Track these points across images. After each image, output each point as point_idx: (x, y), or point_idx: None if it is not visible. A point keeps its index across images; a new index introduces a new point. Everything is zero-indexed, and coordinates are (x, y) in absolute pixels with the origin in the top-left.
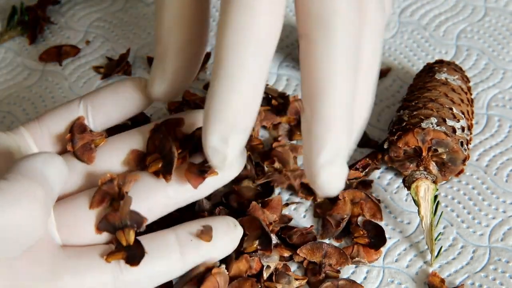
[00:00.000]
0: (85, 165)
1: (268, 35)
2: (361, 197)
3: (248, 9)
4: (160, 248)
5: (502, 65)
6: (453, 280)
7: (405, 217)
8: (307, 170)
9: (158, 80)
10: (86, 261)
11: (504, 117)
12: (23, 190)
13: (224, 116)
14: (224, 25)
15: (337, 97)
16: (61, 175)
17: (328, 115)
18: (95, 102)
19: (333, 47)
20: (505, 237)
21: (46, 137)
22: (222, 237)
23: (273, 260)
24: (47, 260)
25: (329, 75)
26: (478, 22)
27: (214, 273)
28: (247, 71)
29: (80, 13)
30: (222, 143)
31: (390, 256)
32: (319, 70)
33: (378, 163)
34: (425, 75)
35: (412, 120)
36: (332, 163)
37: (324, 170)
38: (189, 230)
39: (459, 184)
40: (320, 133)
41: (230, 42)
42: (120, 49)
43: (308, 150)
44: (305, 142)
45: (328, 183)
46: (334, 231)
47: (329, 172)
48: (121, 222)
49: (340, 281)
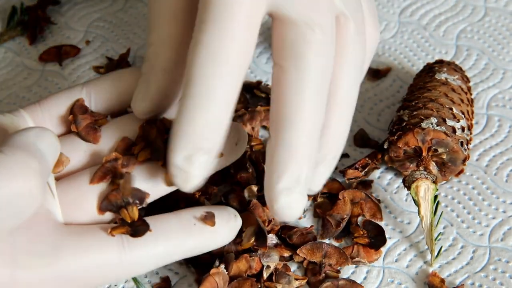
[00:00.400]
0: (89, 145)
1: (239, 58)
2: (361, 197)
3: (222, 32)
4: (163, 229)
5: (502, 65)
6: (453, 280)
7: (405, 217)
8: (266, 194)
9: (141, 98)
10: (89, 237)
11: (504, 117)
12: (19, 161)
13: (190, 136)
14: (197, 44)
15: (302, 126)
16: (54, 148)
17: (291, 142)
18: (97, 88)
19: (304, 78)
20: (505, 237)
21: (46, 119)
22: (224, 225)
23: (273, 260)
24: (48, 237)
25: (297, 104)
26: (478, 22)
27: (213, 274)
28: (216, 93)
29: (80, 13)
30: (186, 163)
31: (390, 256)
32: (287, 98)
33: (378, 163)
34: (425, 75)
35: (412, 120)
36: (291, 190)
37: (282, 196)
38: (193, 214)
39: (459, 184)
40: (282, 159)
41: (201, 62)
42: (120, 49)
43: (269, 175)
44: (267, 166)
45: (285, 209)
46: (334, 231)
47: (287, 199)
48: (123, 200)
49: (340, 281)
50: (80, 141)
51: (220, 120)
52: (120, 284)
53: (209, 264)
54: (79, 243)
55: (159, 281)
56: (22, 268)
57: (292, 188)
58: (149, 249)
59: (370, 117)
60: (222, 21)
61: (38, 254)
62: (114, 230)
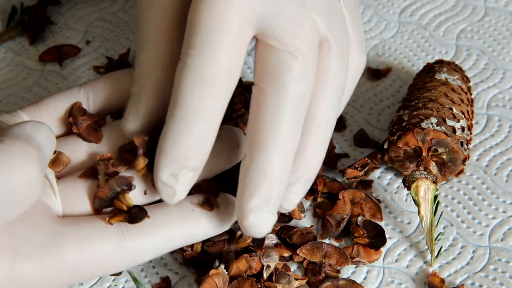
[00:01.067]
0: (90, 146)
1: (227, 80)
2: (361, 197)
3: (209, 56)
4: (162, 216)
5: (502, 65)
6: (453, 280)
7: (405, 217)
8: (236, 210)
9: (131, 119)
10: (88, 227)
11: (504, 117)
12: (18, 150)
13: (175, 154)
14: (184, 68)
15: (276, 149)
16: (50, 141)
17: (264, 164)
18: (95, 89)
19: (282, 103)
20: (505, 237)
21: (45, 120)
22: (223, 210)
23: (273, 260)
24: (47, 227)
25: (272, 127)
26: (478, 22)
27: (212, 274)
28: (201, 113)
29: (80, 13)
30: (172, 179)
31: (390, 256)
32: (264, 120)
33: (378, 162)
34: (425, 75)
35: (412, 120)
36: (260, 209)
37: (251, 214)
38: (191, 201)
39: (459, 184)
40: (254, 180)
41: (188, 85)
42: (120, 49)
43: (240, 192)
44: (240, 183)
45: (254, 226)
46: (334, 231)
47: (256, 217)
48: (112, 191)
49: (340, 281)
50: (81, 141)
51: (205, 140)
52: (120, 284)
53: (209, 264)
54: (78, 232)
55: (159, 281)
56: (22, 258)
57: (262, 207)
58: (149, 237)
59: (370, 117)
60: (209, 46)
61: (38, 244)
62: (112, 219)
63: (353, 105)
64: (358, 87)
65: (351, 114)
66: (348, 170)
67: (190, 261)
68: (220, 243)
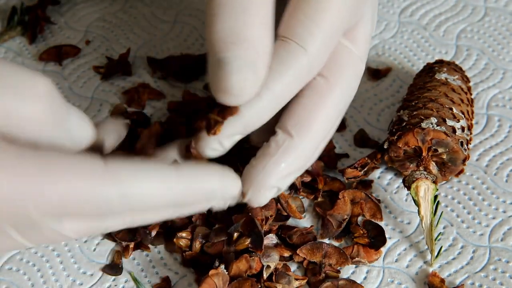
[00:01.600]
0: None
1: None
2: (361, 197)
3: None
4: (147, 166)
5: (502, 65)
6: (453, 280)
7: (405, 217)
8: (258, 177)
9: (251, 84)
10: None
11: (504, 117)
12: (27, 79)
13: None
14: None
15: (321, 133)
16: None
17: (306, 144)
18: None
19: (341, 95)
20: (505, 237)
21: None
22: (216, 168)
23: (273, 260)
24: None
25: (328, 115)
26: (478, 22)
27: (211, 275)
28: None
29: (80, 13)
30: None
31: (390, 256)
32: (320, 108)
33: (377, 162)
34: (425, 75)
35: (412, 120)
36: (282, 183)
37: (270, 191)
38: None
39: (459, 184)
40: (294, 156)
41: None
42: (120, 49)
43: (272, 162)
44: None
45: (267, 197)
46: (334, 231)
47: (275, 191)
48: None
49: (340, 281)
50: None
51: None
52: (120, 284)
53: (209, 265)
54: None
55: (159, 281)
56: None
57: (283, 182)
58: (141, 184)
59: (370, 117)
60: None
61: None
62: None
63: (353, 105)
64: (358, 87)
65: (351, 114)
66: (347, 170)
67: (190, 262)
68: (219, 244)
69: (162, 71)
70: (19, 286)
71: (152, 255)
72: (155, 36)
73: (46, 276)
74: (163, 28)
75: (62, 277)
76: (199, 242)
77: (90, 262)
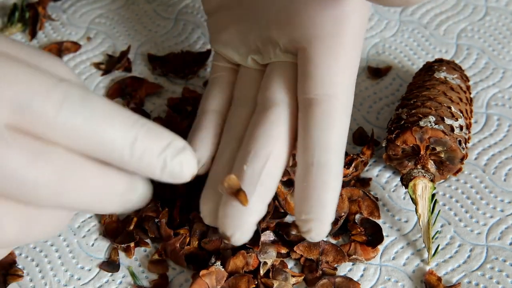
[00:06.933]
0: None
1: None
2: (359, 195)
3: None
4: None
5: (502, 64)
6: (450, 278)
7: (402, 215)
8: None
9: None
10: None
11: (503, 116)
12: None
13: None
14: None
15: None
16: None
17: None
18: None
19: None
20: (503, 236)
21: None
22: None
23: (270, 256)
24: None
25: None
26: (478, 21)
27: (203, 275)
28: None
29: (81, 9)
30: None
31: (387, 254)
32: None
33: (365, 157)
34: (424, 73)
35: (411, 118)
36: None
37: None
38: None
39: (457, 183)
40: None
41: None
42: (121, 45)
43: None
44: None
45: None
46: (332, 229)
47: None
48: None
49: (337, 279)
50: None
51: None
52: (118, 279)
53: (206, 261)
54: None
55: (157, 277)
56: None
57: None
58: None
59: (369, 115)
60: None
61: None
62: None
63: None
64: (358, 85)
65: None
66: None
67: (187, 257)
68: (216, 240)
69: (162, 68)
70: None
71: (150, 251)
72: (156, 33)
73: (44, 271)
74: (164, 25)
75: (60, 272)
76: (197, 239)
77: (88, 257)
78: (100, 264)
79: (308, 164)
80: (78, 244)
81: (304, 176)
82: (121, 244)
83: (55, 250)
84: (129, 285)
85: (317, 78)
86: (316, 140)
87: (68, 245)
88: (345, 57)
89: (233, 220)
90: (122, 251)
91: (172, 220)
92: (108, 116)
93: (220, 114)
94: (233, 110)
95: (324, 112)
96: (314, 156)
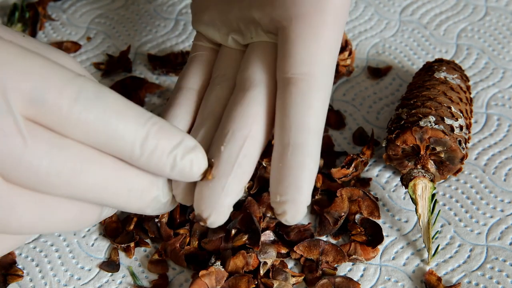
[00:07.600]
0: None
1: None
2: (359, 195)
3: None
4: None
5: (502, 64)
6: (450, 278)
7: (402, 215)
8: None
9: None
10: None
11: (503, 116)
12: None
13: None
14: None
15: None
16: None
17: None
18: None
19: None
20: (503, 236)
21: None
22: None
23: (270, 256)
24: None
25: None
26: (478, 21)
27: (202, 275)
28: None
29: (81, 9)
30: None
31: (387, 254)
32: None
33: (365, 157)
34: (424, 73)
35: (411, 118)
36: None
37: (230, 208)
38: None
39: (457, 183)
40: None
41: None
42: (121, 45)
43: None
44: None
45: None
46: (332, 229)
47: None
48: None
49: (337, 279)
50: None
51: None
52: (118, 279)
53: (206, 261)
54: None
55: (157, 277)
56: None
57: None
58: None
59: (369, 115)
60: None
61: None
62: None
63: (352, 103)
64: (358, 85)
65: (350, 112)
66: (333, 170)
67: (187, 257)
68: (216, 240)
69: (162, 68)
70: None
71: (150, 251)
72: (156, 33)
73: (44, 271)
74: (164, 25)
75: (60, 272)
76: (197, 239)
77: (88, 257)
78: (100, 264)
79: (284, 144)
80: (78, 244)
81: (280, 156)
82: (121, 244)
83: (55, 250)
84: (129, 285)
85: (296, 57)
86: (293, 120)
87: (68, 245)
88: (325, 36)
89: (209, 201)
90: (122, 251)
91: (172, 220)
92: (121, 112)
93: (197, 92)
94: (211, 88)
95: (302, 92)
96: (290, 136)
